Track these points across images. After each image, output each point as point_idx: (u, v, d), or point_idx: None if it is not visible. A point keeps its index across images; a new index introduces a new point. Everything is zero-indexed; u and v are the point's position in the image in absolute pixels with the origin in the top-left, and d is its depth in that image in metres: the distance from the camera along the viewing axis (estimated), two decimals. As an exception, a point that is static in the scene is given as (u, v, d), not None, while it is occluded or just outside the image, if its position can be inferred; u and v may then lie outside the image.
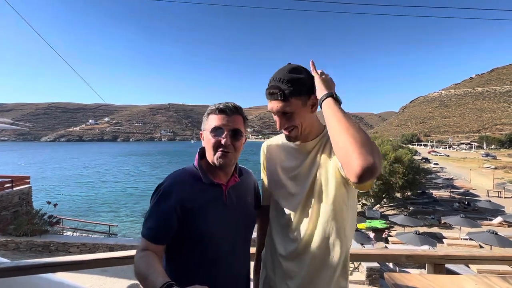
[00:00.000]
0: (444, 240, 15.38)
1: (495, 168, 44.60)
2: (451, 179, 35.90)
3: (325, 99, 0.96)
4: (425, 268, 1.71)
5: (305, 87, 1.03)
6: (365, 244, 11.96)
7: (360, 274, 8.51)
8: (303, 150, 1.14)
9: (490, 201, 20.65)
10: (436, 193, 27.53)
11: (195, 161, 1.14)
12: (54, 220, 10.95)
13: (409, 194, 24.71)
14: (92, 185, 38.37)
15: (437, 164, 51.47)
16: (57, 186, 37.18)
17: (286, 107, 1.02)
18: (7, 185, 11.39)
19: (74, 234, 12.14)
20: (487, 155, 65.66)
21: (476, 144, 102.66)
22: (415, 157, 37.57)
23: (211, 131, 1.06)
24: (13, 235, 9.40)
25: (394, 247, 13.54)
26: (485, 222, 18.20)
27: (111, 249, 8.90)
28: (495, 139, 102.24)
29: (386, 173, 22.15)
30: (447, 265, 1.68)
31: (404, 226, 16.72)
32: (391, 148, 25.65)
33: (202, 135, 1.14)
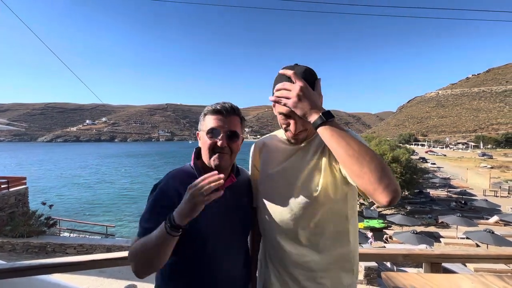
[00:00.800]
0: (441, 239, 15.49)
1: (492, 168, 44.96)
2: (448, 178, 36.18)
3: (322, 123, 0.88)
4: (422, 267, 1.72)
5: (318, 87, 1.03)
6: (363, 243, 12.01)
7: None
8: (300, 149, 1.12)
9: (486, 200, 20.86)
10: (433, 192, 27.72)
11: (191, 161, 1.14)
12: (52, 222, 10.86)
13: (407, 193, 24.85)
14: (89, 186, 38.16)
15: (434, 163, 51.87)
16: (53, 187, 36.91)
17: None
18: (3, 186, 11.28)
19: (71, 235, 12.04)
20: (484, 154, 66.18)
21: (473, 143, 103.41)
22: (413, 157, 37.76)
23: (207, 132, 1.05)
24: (9, 236, 9.31)
25: (392, 246, 13.61)
26: (482, 221, 18.36)
27: (108, 250, 8.83)
28: (492, 138, 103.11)
29: (384, 173, 22.23)
30: (444, 264, 1.69)
31: (401, 225, 16.81)
32: (389, 148, 25.83)
33: (198, 135, 1.13)
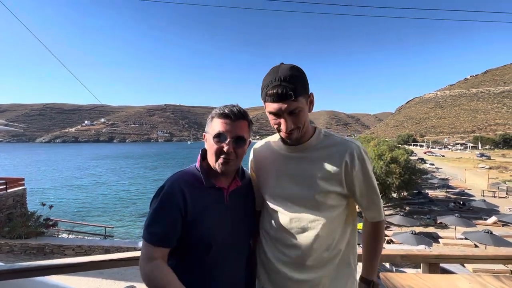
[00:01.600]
0: (440, 239, 15.49)
1: (490, 168, 45.13)
2: (447, 179, 36.24)
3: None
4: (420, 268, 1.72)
5: (306, 84, 1.02)
6: (361, 244, 12.00)
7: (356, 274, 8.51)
8: (298, 153, 1.11)
9: (484, 200, 20.86)
10: (432, 193, 27.76)
11: (197, 162, 1.13)
12: (51, 223, 10.81)
13: (405, 194, 24.87)
14: (87, 187, 37.99)
15: (432, 164, 51.96)
16: (51, 188, 36.75)
17: (296, 106, 0.98)
18: (1, 187, 11.22)
19: (70, 236, 12.00)
20: (482, 155, 66.45)
21: (471, 144, 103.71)
22: (411, 158, 37.78)
23: (214, 136, 1.04)
24: (7, 237, 9.28)
25: (390, 247, 13.62)
26: (480, 221, 18.37)
27: (107, 251, 8.81)
28: (490, 139, 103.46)
29: (383, 174, 22.29)
30: (443, 265, 1.70)
31: (400, 226, 16.81)
32: (388, 148, 25.84)
33: (205, 136, 1.12)
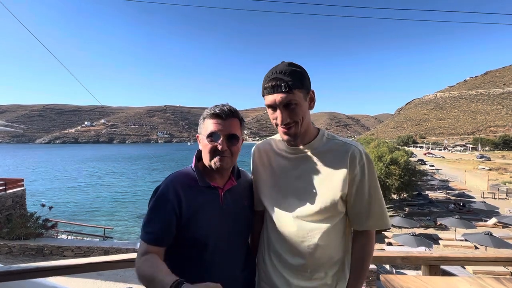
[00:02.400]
0: (440, 241, 15.50)
1: (490, 170, 45.22)
2: (447, 180, 36.30)
3: None
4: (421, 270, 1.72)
5: (305, 80, 1.01)
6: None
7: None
8: (299, 154, 1.11)
9: (485, 202, 20.84)
10: (431, 194, 27.78)
11: (193, 163, 1.15)
12: (50, 224, 10.78)
13: (405, 195, 24.89)
14: (86, 188, 38.01)
15: (432, 165, 52.09)
16: (50, 189, 36.75)
17: (290, 99, 0.98)
18: (0, 188, 11.22)
19: (69, 237, 11.98)
20: (482, 156, 66.64)
21: (471, 145, 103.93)
22: (411, 159, 37.85)
23: (207, 136, 1.07)
24: (6, 238, 9.25)
25: (390, 248, 13.60)
26: (480, 223, 18.38)
27: (106, 252, 8.77)
28: (489, 141, 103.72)
29: (383, 175, 22.29)
30: (443, 267, 1.69)
31: (400, 227, 16.81)
32: (388, 150, 25.88)
33: (198, 138, 1.14)
